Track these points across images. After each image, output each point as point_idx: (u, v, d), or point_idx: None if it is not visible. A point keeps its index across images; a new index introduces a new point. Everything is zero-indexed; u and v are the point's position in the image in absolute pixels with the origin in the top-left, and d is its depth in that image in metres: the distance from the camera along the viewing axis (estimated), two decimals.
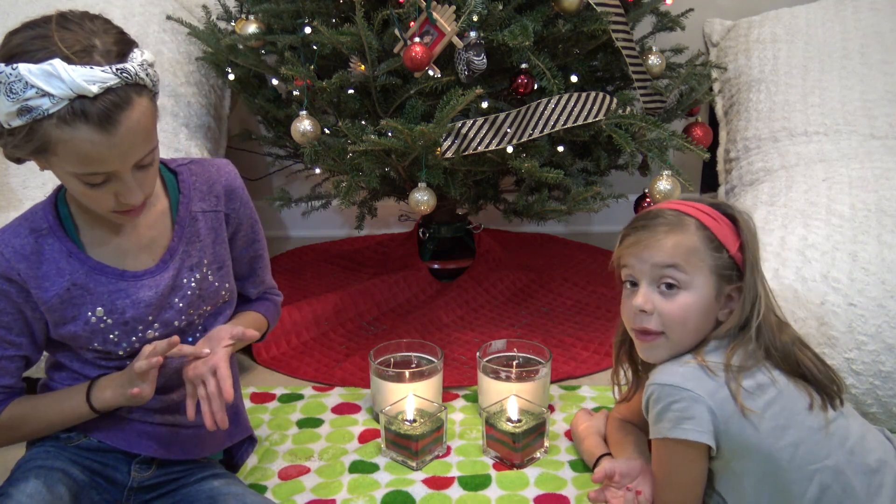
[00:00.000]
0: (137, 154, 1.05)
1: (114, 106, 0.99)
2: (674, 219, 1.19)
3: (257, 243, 1.32)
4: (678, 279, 1.16)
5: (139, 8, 2.07)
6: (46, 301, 1.13)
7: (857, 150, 1.85)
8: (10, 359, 1.16)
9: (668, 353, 1.20)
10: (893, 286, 1.42)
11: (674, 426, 1.12)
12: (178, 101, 2.01)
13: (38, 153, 1.03)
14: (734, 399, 1.11)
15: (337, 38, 1.67)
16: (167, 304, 1.19)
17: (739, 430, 1.12)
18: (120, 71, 1.00)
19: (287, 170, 2.53)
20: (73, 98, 0.98)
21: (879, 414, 1.44)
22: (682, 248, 1.16)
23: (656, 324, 1.18)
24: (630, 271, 1.21)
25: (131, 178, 1.06)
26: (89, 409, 1.17)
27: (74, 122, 0.98)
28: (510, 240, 2.51)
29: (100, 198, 1.07)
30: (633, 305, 1.19)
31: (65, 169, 1.04)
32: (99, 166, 1.02)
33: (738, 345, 1.16)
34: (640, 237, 1.19)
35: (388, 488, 1.37)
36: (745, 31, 2.24)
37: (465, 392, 1.70)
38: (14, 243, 1.12)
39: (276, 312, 1.40)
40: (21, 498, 1.08)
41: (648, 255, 1.18)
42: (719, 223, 1.19)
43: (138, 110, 1.03)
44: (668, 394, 1.13)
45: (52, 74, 0.97)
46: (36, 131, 1.00)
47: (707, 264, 1.17)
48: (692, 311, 1.16)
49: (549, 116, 1.71)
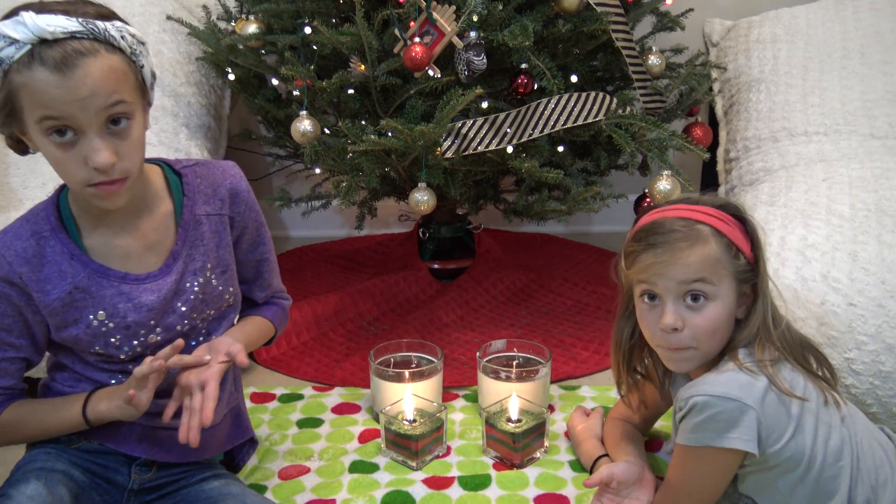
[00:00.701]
0: (98, 101, 1.01)
1: (74, 52, 0.99)
2: (688, 230, 1.15)
3: (263, 246, 1.31)
4: (706, 291, 1.14)
5: (139, 8, 2.07)
6: (48, 304, 1.13)
7: (857, 150, 1.85)
8: (10, 361, 1.16)
9: (697, 363, 1.19)
10: (893, 286, 1.42)
11: (719, 435, 1.10)
12: (178, 101, 2.01)
13: (10, 115, 1.02)
14: (781, 390, 1.10)
15: (337, 38, 1.67)
16: (170, 309, 1.18)
17: (782, 434, 1.11)
18: (86, 23, 1.01)
19: (287, 170, 2.53)
20: (35, 42, 0.98)
21: (879, 414, 1.44)
22: (708, 261, 1.13)
23: (688, 340, 1.15)
24: (650, 287, 1.18)
25: (97, 135, 1.02)
26: (82, 420, 1.16)
27: (32, 63, 0.99)
28: (510, 240, 2.51)
29: (70, 164, 1.04)
30: (662, 325, 1.16)
31: (32, 126, 1.02)
32: (52, 109, 1.00)
33: (764, 342, 1.15)
34: (659, 256, 1.15)
35: (388, 488, 1.37)
36: (745, 31, 2.24)
37: (465, 392, 1.70)
38: (16, 246, 1.11)
39: (283, 317, 1.38)
40: (21, 499, 1.08)
41: (673, 273, 1.14)
42: (730, 226, 1.17)
43: (103, 62, 1.01)
44: (715, 404, 1.10)
45: (19, 22, 0.99)
46: (4, 86, 1.00)
47: (729, 272, 1.15)
48: (721, 321, 1.15)
49: (549, 116, 1.71)
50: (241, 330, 1.28)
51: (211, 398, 1.10)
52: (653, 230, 1.17)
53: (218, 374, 1.13)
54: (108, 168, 1.03)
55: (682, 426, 1.14)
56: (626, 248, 1.21)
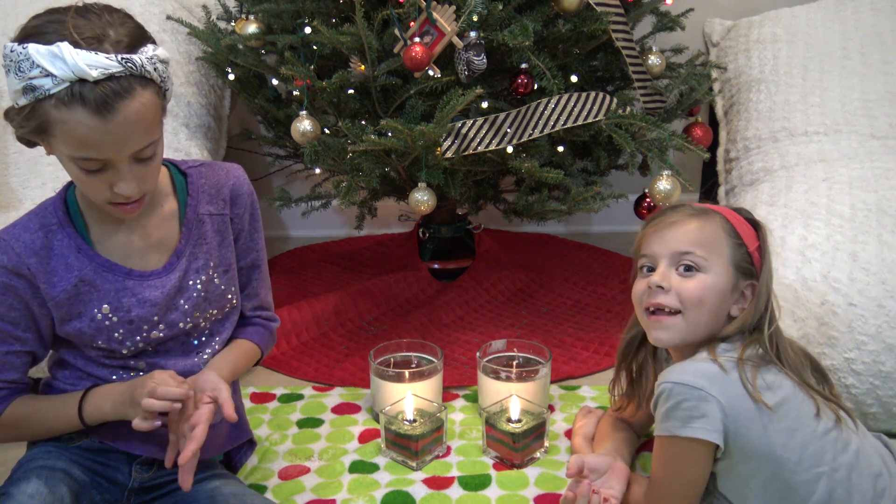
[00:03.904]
0: (134, 145, 1.04)
1: (113, 93, 1.00)
2: (699, 209, 1.23)
3: (255, 253, 1.30)
4: (697, 263, 1.18)
5: (139, 8, 2.07)
6: (54, 296, 1.14)
7: (857, 150, 1.85)
8: (16, 354, 1.16)
9: (680, 335, 1.19)
10: (893, 286, 1.42)
11: (683, 424, 1.12)
12: (178, 101, 2.01)
13: (39, 133, 1.04)
14: (748, 392, 1.11)
15: (337, 38, 1.67)
16: (173, 306, 1.19)
17: (749, 430, 1.11)
18: (125, 60, 1.01)
19: (287, 170, 2.53)
20: (73, 81, 0.98)
21: (879, 414, 1.44)
22: (704, 234, 1.19)
23: (673, 301, 1.18)
24: (648, 259, 1.22)
25: (128, 169, 1.06)
26: (79, 421, 1.16)
27: (72, 104, 0.99)
28: (510, 240, 2.51)
29: (95, 186, 1.07)
30: (650, 281, 1.20)
31: (62, 151, 1.04)
32: (93, 151, 1.02)
33: (751, 343, 1.16)
34: (664, 220, 1.22)
35: (388, 488, 1.37)
36: (745, 31, 2.24)
37: (465, 392, 1.70)
38: (24, 238, 1.13)
39: (270, 339, 1.36)
40: (22, 498, 1.08)
41: (671, 236, 1.20)
42: (740, 221, 1.22)
43: (140, 101, 1.03)
44: (679, 392, 1.12)
45: (57, 56, 0.98)
46: (36, 111, 1.01)
47: (727, 254, 1.19)
48: (710, 291, 1.17)
49: (549, 116, 1.71)
50: (228, 360, 1.26)
51: (195, 439, 1.09)
52: (665, 210, 1.25)
53: (207, 418, 1.11)
54: (134, 195, 1.08)
55: (656, 416, 1.16)
56: (641, 231, 1.27)
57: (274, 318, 1.38)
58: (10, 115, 1.06)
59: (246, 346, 1.32)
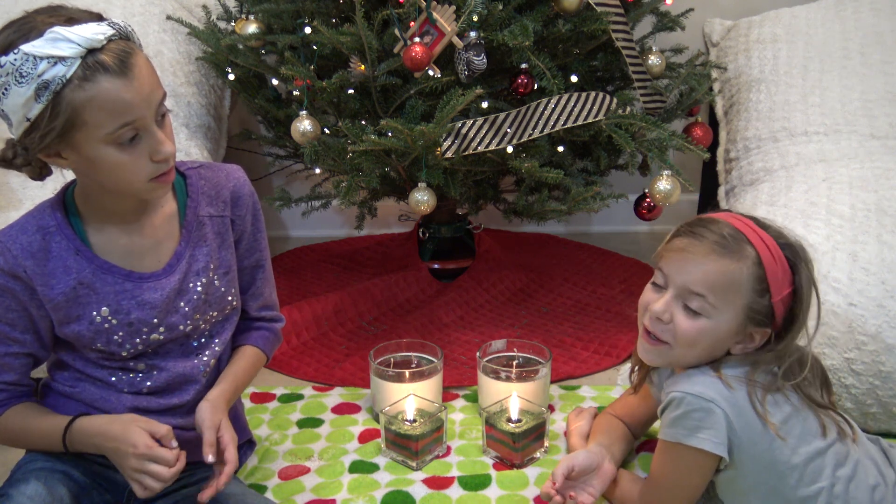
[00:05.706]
0: (157, 96, 1.06)
1: (123, 52, 1.01)
2: (732, 242, 1.12)
3: (259, 253, 1.30)
4: (705, 309, 1.13)
5: (139, 8, 2.07)
6: (52, 299, 1.13)
7: (857, 150, 1.85)
8: (14, 356, 1.16)
9: (664, 363, 1.21)
10: (893, 286, 1.42)
11: (690, 434, 1.12)
12: (178, 101, 2.01)
13: (67, 132, 1.01)
14: (755, 410, 1.11)
15: (337, 38, 1.67)
16: (173, 308, 1.19)
17: (754, 446, 1.12)
18: (111, 24, 1.02)
19: (287, 170, 2.53)
20: (84, 55, 0.99)
21: (879, 414, 1.44)
22: (725, 279, 1.11)
23: (667, 335, 1.16)
24: (662, 277, 1.17)
25: (157, 129, 1.06)
26: (63, 449, 1.16)
27: (94, 76, 0.99)
28: (510, 240, 2.51)
29: (136, 163, 1.06)
30: (651, 309, 1.17)
31: (95, 137, 1.02)
32: (128, 115, 1.02)
33: (762, 365, 1.15)
34: (688, 245, 1.14)
35: (388, 488, 1.37)
36: (745, 31, 2.24)
37: (465, 392, 1.70)
38: (21, 240, 1.12)
39: (275, 341, 1.37)
40: (21, 499, 1.08)
41: (690, 269, 1.13)
42: (776, 264, 1.12)
43: (141, 55, 1.05)
44: (690, 402, 1.12)
45: (59, 38, 0.98)
46: (59, 104, 0.99)
47: (742, 301, 1.12)
48: (706, 336, 1.14)
49: (549, 116, 1.71)
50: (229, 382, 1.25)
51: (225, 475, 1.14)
52: (704, 223, 1.16)
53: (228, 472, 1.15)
54: (172, 156, 1.08)
55: (663, 420, 1.17)
56: (676, 228, 1.19)
57: (279, 317, 1.38)
58: (23, 137, 1.03)
59: (250, 354, 1.31)
